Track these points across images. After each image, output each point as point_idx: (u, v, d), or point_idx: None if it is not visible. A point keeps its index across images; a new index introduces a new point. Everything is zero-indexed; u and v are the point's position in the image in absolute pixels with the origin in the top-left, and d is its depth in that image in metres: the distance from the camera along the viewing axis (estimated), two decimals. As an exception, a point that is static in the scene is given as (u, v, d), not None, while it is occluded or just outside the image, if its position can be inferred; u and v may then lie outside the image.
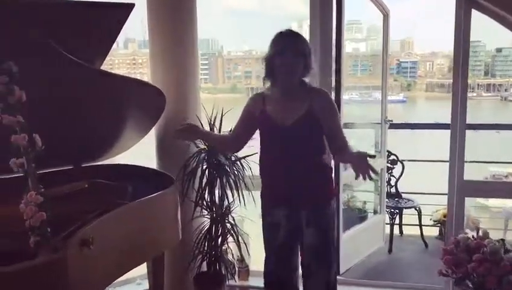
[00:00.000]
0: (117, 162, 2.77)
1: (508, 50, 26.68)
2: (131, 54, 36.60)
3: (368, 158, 1.87)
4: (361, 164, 1.84)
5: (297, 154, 2.07)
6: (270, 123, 2.08)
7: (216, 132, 2.69)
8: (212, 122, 2.70)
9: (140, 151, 2.92)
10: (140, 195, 2.26)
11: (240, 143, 2.28)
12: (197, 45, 2.80)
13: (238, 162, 2.68)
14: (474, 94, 24.40)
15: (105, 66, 2.23)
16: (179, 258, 2.87)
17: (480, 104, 22.91)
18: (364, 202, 4.01)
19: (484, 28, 3.37)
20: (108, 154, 2.68)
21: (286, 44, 2.01)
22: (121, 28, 1.85)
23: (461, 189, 3.02)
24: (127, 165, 2.70)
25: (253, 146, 2.35)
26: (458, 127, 2.98)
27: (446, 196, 3.12)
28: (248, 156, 2.68)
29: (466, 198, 3.07)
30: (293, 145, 2.06)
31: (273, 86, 2.11)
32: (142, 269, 2.57)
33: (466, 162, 3.03)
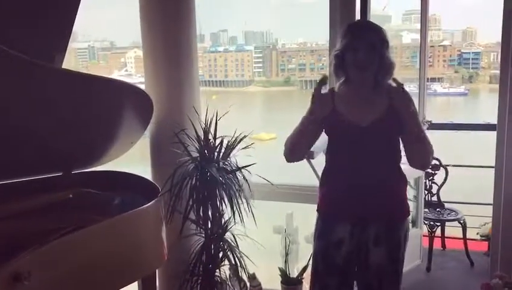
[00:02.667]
0: (110, 169, 2.57)
1: None
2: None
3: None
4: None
5: (375, 159, 1.81)
6: (342, 123, 1.82)
7: (211, 138, 2.37)
8: (207, 127, 2.38)
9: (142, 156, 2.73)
10: (129, 207, 2.07)
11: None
12: (195, 43, 2.53)
13: (236, 173, 2.34)
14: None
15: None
16: (173, 279, 2.59)
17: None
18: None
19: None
20: (100, 161, 2.51)
21: (359, 37, 1.79)
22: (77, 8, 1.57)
23: (509, 207, 2.53)
24: (120, 172, 2.50)
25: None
26: (506, 127, 2.52)
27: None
28: (247, 166, 2.35)
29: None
30: (370, 149, 1.81)
31: (345, 82, 1.87)
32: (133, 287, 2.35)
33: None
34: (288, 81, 35.68)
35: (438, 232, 3.77)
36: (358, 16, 2.56)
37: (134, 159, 2.55)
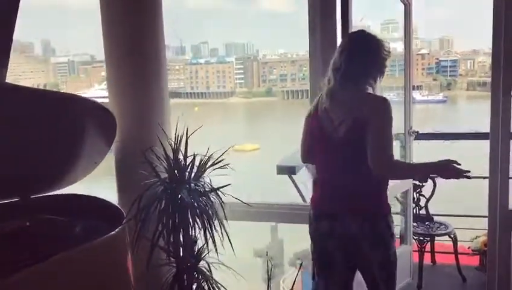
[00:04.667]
0: (73, 192, 2.34)
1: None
2: (168, 60, 37.42)
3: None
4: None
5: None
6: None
7: (181, 157, 2.14)
8: (177, 144, 2.15)
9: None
10: (92, 235, 1.87)
11: None
12: (163, 51, 2.32)
13: (209, 195, 2.10)
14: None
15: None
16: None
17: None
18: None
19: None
20: (61, 184, 2.28)
21: (343, 46, 2.01)
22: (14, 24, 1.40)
23: (505, 222, 2.36)
24: (82, 196, 2.27)
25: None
26: (500, 137, 2.37)
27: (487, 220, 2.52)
28: (222, 186, 2.13)
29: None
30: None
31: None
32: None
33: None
34: (269, 91, 35.89)
35: (428, 245, 3.63)
36: (339, 25, 2.41)
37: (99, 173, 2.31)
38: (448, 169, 1.86)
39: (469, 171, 1.96)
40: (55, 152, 2.00)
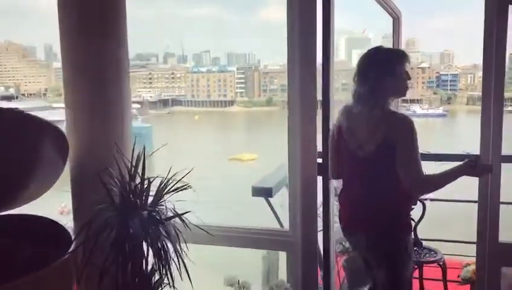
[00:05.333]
0: (25, 213, 2.17)
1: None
2: (169, 68, 37.40)
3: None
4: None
5: None
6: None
7: (138, 180, 1.94)
8: (132, 167, 1.95)
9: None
10: (37, 260, 1.77)
11: None
12: (125, 63, 2.13)
13: (168, 222, 1.89)
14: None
15: (144, 80, 1.69)
16: None
17: None
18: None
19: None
20: (11, 205, 2.10)
21: (358, 64, 2.02)
22: None
23: (494, 256, 2.18)
24: (30, 216, 2.10)
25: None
26: (490, 160, 2.20)
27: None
28: (183, 213, 1.93)
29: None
30: None
31: None
32: None
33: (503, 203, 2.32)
34: (270, 101, 35.78)
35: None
36: (319, 36, 2.25)
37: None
38: (477, 166, 2.01)
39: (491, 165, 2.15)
40: (6, 171, 1.84)
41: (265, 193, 2.61)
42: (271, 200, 2.70)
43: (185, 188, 1.94)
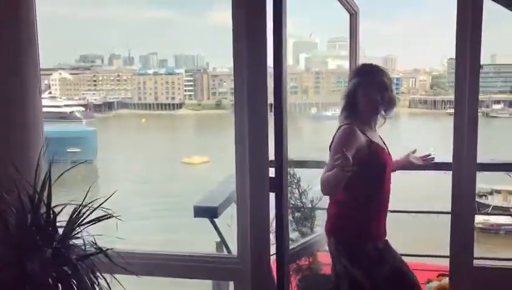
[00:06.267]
0: None
1: (488, 67, 26.89)
2: (115, 70, 36.07)
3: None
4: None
5: None
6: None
7: (43, 208, 1.54)
8: (36, 193, 1.54)
9: None
10: None
11: None
12: (37, 71, 1.74)
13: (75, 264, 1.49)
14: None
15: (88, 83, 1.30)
16: None
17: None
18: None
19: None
20: None
21: (371, 80, 2.27)
22: None
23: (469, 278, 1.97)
24: None
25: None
26: (465, 169, 2.06)
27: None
28: (99, 252, 1.55)
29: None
30: None
31: (355, 119, 2.28)
32: None
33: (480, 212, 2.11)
34: (219, 104, 35.48)
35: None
36: (270, 45, 2.03)
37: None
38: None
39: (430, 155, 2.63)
40: None
41: (209, 213, 2.25)
42: (217, 221, 2.35)
43: (106, 218, 1.55)
